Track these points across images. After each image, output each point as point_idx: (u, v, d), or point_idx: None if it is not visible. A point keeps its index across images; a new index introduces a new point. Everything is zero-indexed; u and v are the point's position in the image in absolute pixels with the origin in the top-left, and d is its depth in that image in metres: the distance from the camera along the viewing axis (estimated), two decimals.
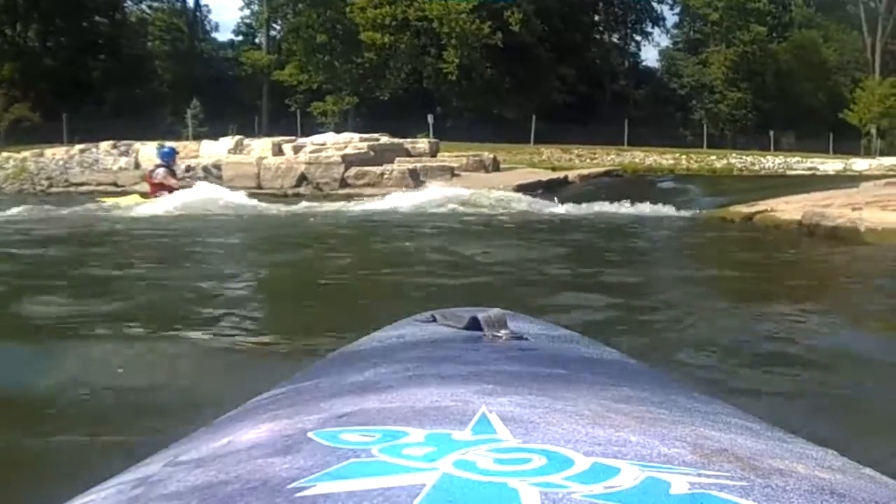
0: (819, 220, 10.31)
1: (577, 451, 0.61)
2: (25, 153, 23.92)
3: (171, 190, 15.45)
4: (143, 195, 15.89)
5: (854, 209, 10.53)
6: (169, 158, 16.52)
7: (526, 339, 1.23)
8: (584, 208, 14.58)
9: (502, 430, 0.67)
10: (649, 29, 56.16)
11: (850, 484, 0.62)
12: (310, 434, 0.68)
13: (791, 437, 0.79)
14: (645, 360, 1.55)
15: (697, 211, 14.31)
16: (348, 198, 16.75)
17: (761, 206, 12.57)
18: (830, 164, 31.15)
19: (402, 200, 15.47)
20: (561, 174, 22.95)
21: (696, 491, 0.54)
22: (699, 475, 0.58)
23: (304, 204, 15.24)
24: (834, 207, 10.85)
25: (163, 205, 14.29)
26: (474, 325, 1.23)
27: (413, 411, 0.74)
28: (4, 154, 24.38)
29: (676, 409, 0.84)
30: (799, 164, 32.15)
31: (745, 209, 12.69)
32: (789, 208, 11.81)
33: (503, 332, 1.20)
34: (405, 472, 0.57)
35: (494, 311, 1.26)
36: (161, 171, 16.09)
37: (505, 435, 0.66)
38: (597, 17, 54.42)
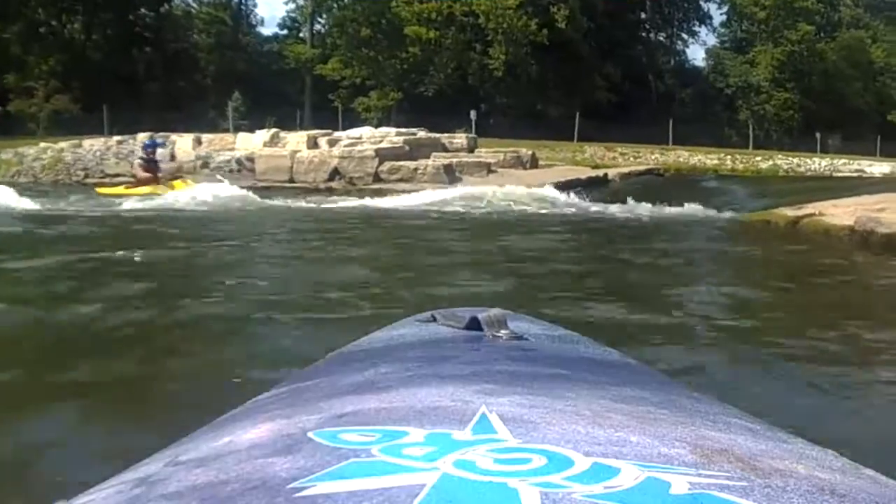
0: (874, 226, 9.65)
1: (577, 451, 0.61)
2: (63, 144, 23.99)
3: (142, 182, 16.23)
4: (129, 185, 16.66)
5: None
6: (149, 149, 17.23)
7: (526, 339, 1.22)
8: (622, 207, 14.21)
9: (502, 430, 0.67)
10: (696, 28, 55.71)
11: (850, 484, 0.61)
12: (310, 434, 0.67)
13: (791, 438, 0.78)
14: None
15: (738, 213, 13.79)
16: (378, 193, 16.55)
17: (808, 209, 11.93)
18: (878, 167, 30.59)
19: (427, 196, 15.25)
20: (601, 172, 22.69)
21: (696, 491, 0.54)
22: (699, 475, 0.57)
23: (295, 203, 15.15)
24: (889, 212, 10.24)
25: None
26: (474, 325, 1.23)
27: (413, 411, 0.74)
28: (42, 144, 24.44)
29: (676, 409, 0.84)
30: (846, 165, 31.60)
31: (790, 212, 12.03)
32: (839, 212, 11.17)
33: (503, 332, 1.20)
34: (405, 472, 0.56)
35: (495, 311, 1.26)
36: (137, 161, 17.10)
37: (505, 435, 0.65)
38: (643, 15, 53.90)
